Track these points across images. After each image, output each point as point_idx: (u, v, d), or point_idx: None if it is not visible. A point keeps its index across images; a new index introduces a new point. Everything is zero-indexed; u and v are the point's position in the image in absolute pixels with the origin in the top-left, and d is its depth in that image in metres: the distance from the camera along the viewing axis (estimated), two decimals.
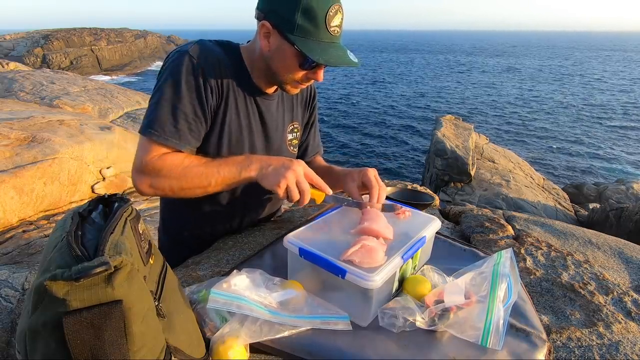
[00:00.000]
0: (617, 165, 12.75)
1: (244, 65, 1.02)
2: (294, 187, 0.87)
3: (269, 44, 0.94)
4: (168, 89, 0.90)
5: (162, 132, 0.90)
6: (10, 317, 1.30)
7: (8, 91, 5.65)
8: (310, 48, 0.87)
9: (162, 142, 0.90)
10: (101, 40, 33.84)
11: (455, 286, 0.75)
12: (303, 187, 0.88)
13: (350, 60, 0.92)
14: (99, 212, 0.56)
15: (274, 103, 1.11)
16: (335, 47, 0.92)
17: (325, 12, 0.86)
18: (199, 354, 0.61)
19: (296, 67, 0.94)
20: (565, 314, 0.91)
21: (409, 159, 13.36)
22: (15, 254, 2.45)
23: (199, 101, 0.92)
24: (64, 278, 0.40)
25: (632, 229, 4.16)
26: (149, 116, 0.91)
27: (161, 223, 1.24)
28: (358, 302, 0.75)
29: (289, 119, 1.17)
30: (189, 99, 0.91)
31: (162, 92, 0.90)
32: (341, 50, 0.92)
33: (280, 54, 0.93)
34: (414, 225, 0.92)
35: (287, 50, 0.91)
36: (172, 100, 0.90)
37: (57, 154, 3.20)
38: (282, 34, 0.89)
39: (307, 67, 0.94)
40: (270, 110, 1.10)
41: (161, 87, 0.91)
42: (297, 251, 0.79)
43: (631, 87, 28.18)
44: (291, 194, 0.87)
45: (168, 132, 0.90)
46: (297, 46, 0.87)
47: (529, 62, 49.82)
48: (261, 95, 1.06)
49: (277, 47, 0.93)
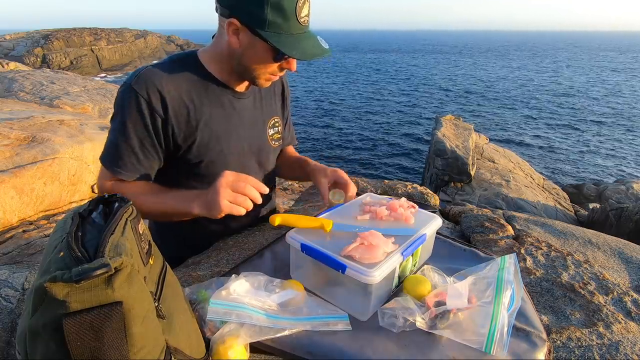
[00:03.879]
0: (617, 165, 12.74)
1: (207, 71, 1.01)
2: (234, 196, 0.83)
3: (239, 41, 0.92)
4: (116, 124, 0.94)
5: (113, 163, 0.95)
6: (10, 317, 1.30)
7: (8, 91, 5.65)
8: (284, 43, 0.87)
9: (112, 172, 0.96)
10: (101, 40, 33.85)
11: (458, 290, 0.75)
12: (239, 188, 0.84)
13: (324, 50, 0.93)
14: (99, 212, 0.56)
15: (249, 101, 1.10)
16: (307, 37, 0.92)
17: (294, 4, 0.86)
18: (198, 354, 0.61)
19: (270, 61, 0.94)
20: (565, 313, 0.91)
21: (409, 159, 13.36)
22: (15, 254, 2.45)
23: (145, 133, 0.94)
24: (64, 280, 0.40)
25: (632, 229, 4.16)
26: (105, 145, 0.98)
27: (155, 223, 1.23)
28: (358, 297, 0.76)
29: (268, 114, 1.17)
30: (134, 132, 0.93)
31: (113, 125, 0.96)
32: (313, 40, 0.93)
33: (253, 50, 0.92)
34: (415, 222, 0.92)
35: (259, 46, 0.91)
36: (119, 134, 0.94)
37: (57, 154, 3.20)
38: (253, 31, 0.88)
39: (280, 59, 0.94)
40: (246, 108, 1.09)
41: (112, 120, 0.96)
42: (299, 247, 0.80)
43: (632, 87, 28.16)
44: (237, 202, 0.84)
45: (117, 164, 0.95)
46: (271, 43, 0.86)
47: (528, 62, 49.81)
48: (233, 95, 1.05)
49: (248, 43, 0.92)
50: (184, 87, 0.96)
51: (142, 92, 0.91)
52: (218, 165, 1.04)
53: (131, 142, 0.94)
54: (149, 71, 0.93)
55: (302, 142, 14.71)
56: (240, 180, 0.85)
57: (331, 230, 0.86)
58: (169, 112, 0.94)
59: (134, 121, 0.92)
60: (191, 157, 1.01)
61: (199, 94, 0.99)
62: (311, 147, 14.18)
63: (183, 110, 0.96)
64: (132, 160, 0.95)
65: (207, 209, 0.86)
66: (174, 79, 0.95)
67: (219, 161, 1.04)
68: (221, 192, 0.83)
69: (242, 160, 1.10)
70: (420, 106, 22.06)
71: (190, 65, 1.00)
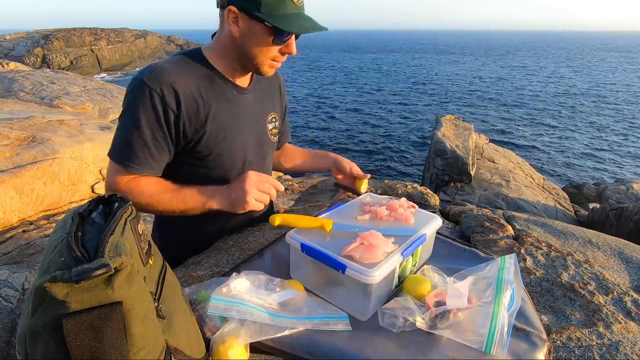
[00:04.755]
0: (617, 166, 12.74)
1: (212, 67, 1.04)
2: (259, 194, 0.95)
3: (239, 28, 0.96)
4: (128, 118, 0.95)
5: (125, 157, 0.96)
6: (10, 317, 1.30)
7: (8, 91, 5.65)
8: (280, 21, 0.91)
9: (124, 167, 0.96)
10: (101, 40, 33.84)
11: (458, 290, 0.75)
12: (264, 188, 0.96)
13: (321, 27, 0.96)
14: (99, 212, 0.56)
15: (251, 96, 1.13)
16: (302, 17, 0.95)
17: None
18: (198, 354, 0.61)
19: (270, 44, 0.96)
20: (565, 313, 0.91)
21: (409, 159, 13.36)
22: (15, 254, 2.45)
23: (158, 127, 0.95)
24: (64, 280, 0.40)
25: (632, 229, 4.15)
26: (114, 142, 0.98)
27: (157, 220, 1.23)
28: (358, 297, 0.76)
29: (267, 110, 1.20)
30: (147, 126, 0.94)
31: (123, 121, 0.96)
32: (308, 19, 0.96)
33: (252, 35, 0.95)
34: (415, 222, 0.92)
35: (258, 29, 0.94)
36: (132, 128, 0.95)
37: (57, 153, 3.20)
38: (250, 14, 0.92)
39: (280, 42, 0.97)
40: (248, 104, 1.11)
41: (123, 116, 0.97)
42: (299, 247, 0.81)
43: (632, 87, 28.16)
44: (262, 200, 0.96)
45: (129, 158, 0.95)
46: (268, 22, 0.90)
47: (529, 62, 49.79)
48: (237, 90, 1.08)
49: (247, 29, 0.95)
50: (192, 82, 0.99)
51: (155, 88, 0.92)
52: (225, 158, 1.07)
53: (144, 137, 0.95)
54: (160, 67, 0.95)
55: (303, 142, 14.72)
56: (263, 180, 0.96)
57: (331, 230, 0.86)
58: (181, 107, 0.96)
59: (148, 116, 0.94)
60: (200, 150, 1.03)
61: (206, 88, 1.01)
62: (311, 147, 14.18)
63: (193, 105, 0.98)
64: (145, 154, 0.96)
65: (232, 205, 0.97)
66: (184, 75, 0.98)
67: (226, 153, 1.07)
68: (250, 191, 0.93)
69: (247, 152, 1.12)
70: (420, 106, 22.06)
71: (196, 61, 1.03)
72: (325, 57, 56.40)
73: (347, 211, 0.99)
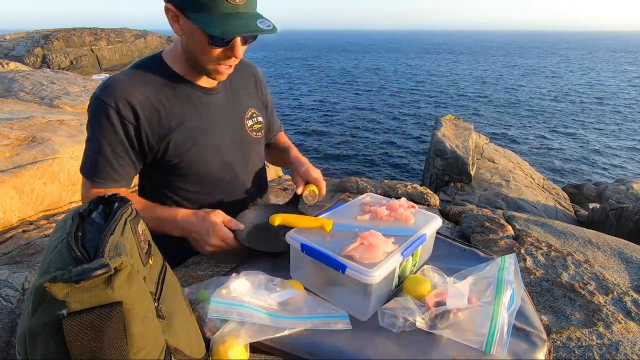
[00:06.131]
0: (617, 165, 12.74)
1: (173, 71, 1.01)
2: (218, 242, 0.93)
3: (181, 28, 0.91)
4: (89, 134, 0.97)
5: (91, 172, 0.98)
6: (10, 317, 1.30)
7: (8, 91, 5.65)
8: (207, 22, 0.83)
9: (91, 181, 0.99)
10: (101, 40, 33.83)
11: (458, 290, 0.75)
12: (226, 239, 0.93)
13: (256, 28, 0.86)
14: (99, 212, 0.56)
15: (221, 96, 1.09)
16: (239, 17, 0.86)
17: None
18: (198, 354, 0.61)
19: (207, 46, 0.90)
20: (565, 313, 0.91)
21: (409, 159, 13.35)
22: (15, 254, 2.45)
23: (117, 141, 0.96)
24: (64, 280, 0.40)
25: (632, 229, 4.15)
26: (82, 157, 1.01)
27: None
28: (358, 297, 0.76)
29: (244, 106, 1.17)
30: (106, 141, 0.95)
31: (87, 136, 0.98)
32: (245, 19, 0.86)
33: (191, 35, 0.90)
34: (415, 222, 0.92)
35: (195, 30, 0.87)
36: (92, 144, 0.97)
37: (57, 153, 3.20)
38: (184, 14, 0.86)
39: (217, 44, 0.89)
40: (217, 104, 1.08)
41: (87, 131, 0.98)
42: (299, 246, 0.81)
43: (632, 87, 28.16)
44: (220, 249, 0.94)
45: (94, 172, 0.98)
46: (194, 22, 0.84)
47: (528, 62, 49.80)
48: (202, 92, 1.05)
49: (187, 28, 0.90)
50: (151, 92, 0.97)
51: (110, 102, 0.92)
52: (198, 163, 1.05)
53: (104, 152, 0.96)
54: (114, 81, 0.95)
55: (303, 141, 14.71)
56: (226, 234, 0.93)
57: (331, 230, 0.86)
58: (140, 118, 0.95)
59: (106, 130, 0.94)
60: (169, 158, 1.02)
61: (168, 95, 0.99)
62: (311, 147, 14.17)
63: (154, 114, 0.97)
64: (107, 168, 0.98)
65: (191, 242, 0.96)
66: (141, 85, 0.96)
67: (197, 158, 1.05)
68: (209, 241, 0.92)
69: (224, 154, 1.10)
70: (420, 106, 22.05)
71: (155, 69, 1.00)
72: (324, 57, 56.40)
73: (347, 211, 0.99)
